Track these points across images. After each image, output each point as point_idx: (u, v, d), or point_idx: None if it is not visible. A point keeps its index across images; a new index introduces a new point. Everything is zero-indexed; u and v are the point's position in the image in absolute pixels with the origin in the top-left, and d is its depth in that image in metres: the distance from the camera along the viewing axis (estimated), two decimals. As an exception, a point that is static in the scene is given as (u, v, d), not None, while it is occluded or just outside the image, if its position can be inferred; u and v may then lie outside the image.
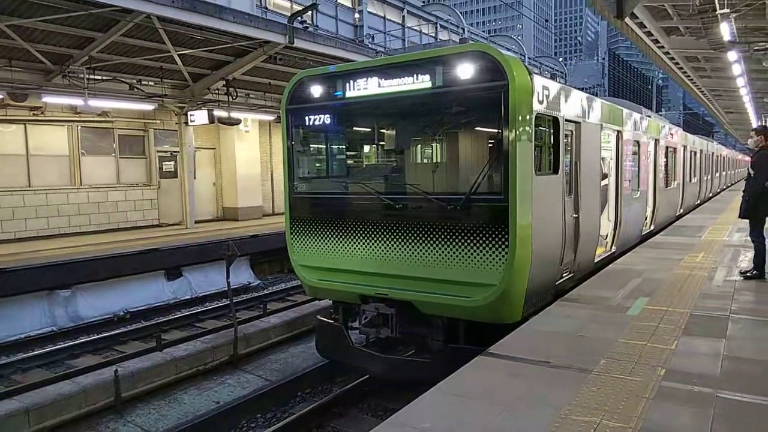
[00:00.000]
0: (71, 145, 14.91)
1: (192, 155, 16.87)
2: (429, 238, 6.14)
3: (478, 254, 5.82)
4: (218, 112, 15.94)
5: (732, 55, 14.88)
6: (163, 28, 11.93)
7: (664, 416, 3.56)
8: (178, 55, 13.36)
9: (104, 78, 13.83)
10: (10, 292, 9.88)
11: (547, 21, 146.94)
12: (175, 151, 17.26)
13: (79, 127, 15.05)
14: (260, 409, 7.12)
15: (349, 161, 7.95)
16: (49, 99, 13.40)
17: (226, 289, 9.24)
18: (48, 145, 14.46)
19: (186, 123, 16.12)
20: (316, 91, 7.02)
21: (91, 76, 13.27)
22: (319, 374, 8.07)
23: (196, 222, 16.92)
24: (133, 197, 16.33)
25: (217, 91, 15.93)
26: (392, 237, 6.44)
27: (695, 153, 18.43)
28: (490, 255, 5.74)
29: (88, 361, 8.78)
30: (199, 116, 15.69)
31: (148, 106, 15.52)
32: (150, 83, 15.24)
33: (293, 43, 13.33)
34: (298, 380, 7.83)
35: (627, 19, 14.36)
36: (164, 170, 17.33)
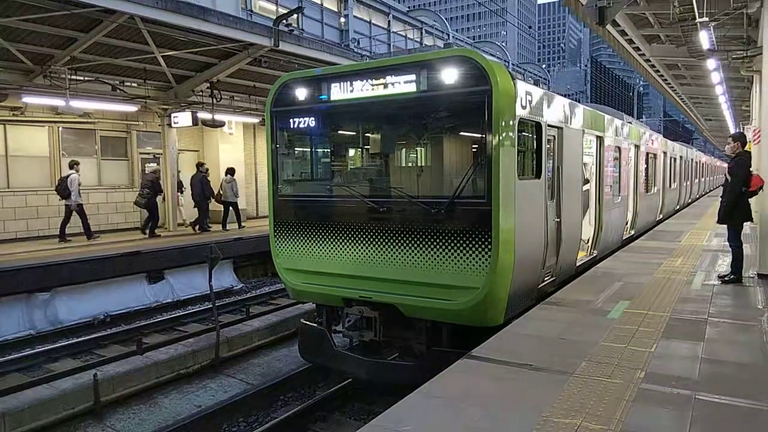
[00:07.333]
0: (52, 146, 14.68)
1: (175, 157, 16.72)
2: (412, 242, 6.16)
3: (461, 257, 5.85)
4: (202, 114, 15.80)
5: (711, 63, 15.12)
6: (146, 29, 11.81)
7: (643, 418, 3.61)
8: (162, 57, 13.24)
9: (86, 78, 13.65)
10: (-13, 295, 9.69)
11: (530, 27, 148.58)
12: (158, 153, 17.10)
13: (60, 128, 14.84)
14: (242, 414, 7.07)
15: (334, 164, 7.95)
16: (29, 99, 13.19)
17: (209, 292, 9.17)
18: (28, 145, 14.23)
19: (169, 125, 15.95)
20: (301, 93, 7.02)
21: (73, 77, 13.08)
22: (302, 378, 8.04)
23: (179, 225, 16.76)
24: (114, 200, 16.12)
25: (201, 93, 15.79)
26: (376, 240, 6.44)
27: (675, 159, 18.74)
28: (473, 258, 5.78)
29: (67, 365, 8.63)
30: (183, 118, 15.55)
31: (131, 108, 15.34)
32: (133, 84, 15.07)
33: (278, 46, 13.31)
34: (281, 384, 7.79)
35: (609, 27, 14.57)
36: (147, 172, 17.12)
